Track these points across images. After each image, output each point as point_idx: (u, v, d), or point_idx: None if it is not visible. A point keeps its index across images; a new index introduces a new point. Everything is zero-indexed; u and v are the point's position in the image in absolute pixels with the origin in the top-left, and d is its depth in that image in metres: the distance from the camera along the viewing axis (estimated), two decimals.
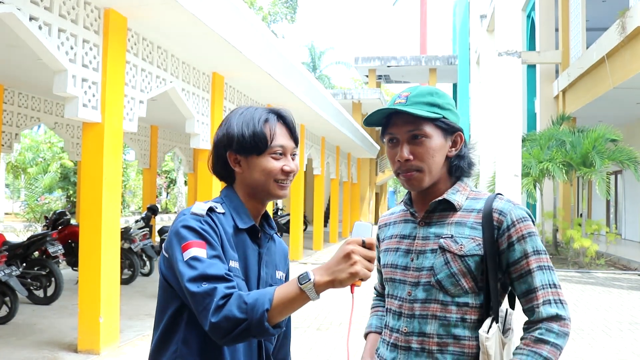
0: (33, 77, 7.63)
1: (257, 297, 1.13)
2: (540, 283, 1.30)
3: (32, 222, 17.84)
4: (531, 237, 1.31)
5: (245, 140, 1.32)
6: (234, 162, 1.36)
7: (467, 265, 1.31)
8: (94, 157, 4.71)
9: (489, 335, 1.28)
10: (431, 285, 1.35)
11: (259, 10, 26.64)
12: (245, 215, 1.35)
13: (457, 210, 1.38)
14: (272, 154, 1.34)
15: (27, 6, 3.88)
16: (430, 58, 26.23)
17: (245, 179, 1.36)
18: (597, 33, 12.72)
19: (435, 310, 1.34)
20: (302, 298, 1.12)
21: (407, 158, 1.35)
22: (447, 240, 1.34)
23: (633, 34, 9.84)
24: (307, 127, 12.26)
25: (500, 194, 1.40)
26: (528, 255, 1.30)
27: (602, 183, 10.88)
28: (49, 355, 4.64)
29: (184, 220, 1.25)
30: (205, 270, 1.16)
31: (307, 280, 1.11)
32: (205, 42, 5.72)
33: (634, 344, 5.34)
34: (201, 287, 1.14)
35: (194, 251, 1.19)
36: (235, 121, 1.35)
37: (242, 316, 1.11)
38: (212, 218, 1.27)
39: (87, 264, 4.70)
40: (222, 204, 1.34)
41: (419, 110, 1.33)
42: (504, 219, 1.32)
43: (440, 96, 1.37)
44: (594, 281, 9.50)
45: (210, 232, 1.24)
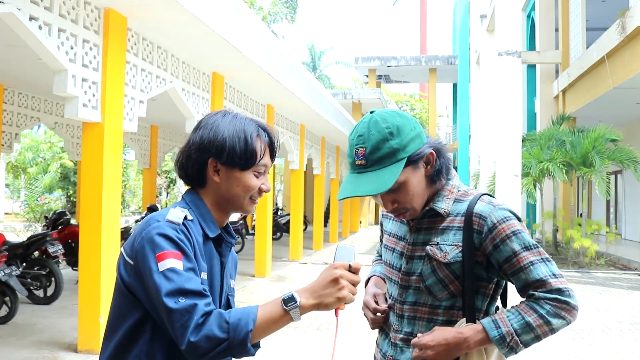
0: (33, 77, 7.63)
1: (239, 317, 1.11)
2: (535, 276, 1.30)
3: (32, 222, 17.85)
4: (516, 235, 1.31)
5: (236, 154, 1.27)
6: (213, 171, 1.30)
7: (452, 271, 1.35)
8: (94, 157, 4.71)
9: None
10: (420, 290, 1.40)
11: (259, 10, 26.64)
12: (212, 223, 1.31)
13: (444, 216, 1.40)
14: (255, 171, 1.31)
15: (27, 6, 3.88)
16: (430, 58, 26.23)
17: (220, 189, 1.31)
18: (597, 33, 12.72)
19: (423, 313, 1.40)
20: (285, 319, 1.13)
21: (392, 208, 1.38)
22: (433, 248, 1.38)
23: (633, 34, 9.85)
24: (307, 127, 12.26)
25: (485, 195, 1.40)
26: (517, 253, 1.31)
27: (602, 183, 10.88)
28: (49, 355, 4.64)
29: (158, 228, 1.18)
30: (182, 284, 1.11)
31: (293, 302, 1.11)
32: (205, 42, 5.72)
33: (634, 344, 5.34)
34: (179, 303, 1.09)
35: (171, 262, 1.13)
36: (225, 129, 1.28)
37: (223, 336, 1.09)
38: (187, 227, 1.22)
39: (87, 263, 4.70)
40: (189, 210, 1.28)
41: (381, 176, 1.29)
42: (484, 222, 1.33)
43: (397, 134, 1.30)
44: (594, 281, 9.50)
45: (186, 243, 1.19)
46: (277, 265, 10.78)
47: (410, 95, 40.04)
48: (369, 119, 1.34)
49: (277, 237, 16.32)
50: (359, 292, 1.20)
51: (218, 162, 1.29)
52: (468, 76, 23.05)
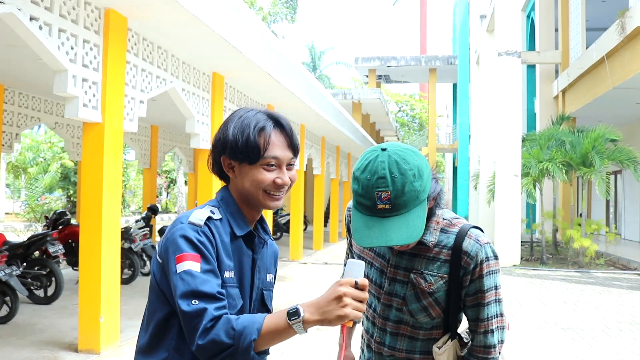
0: (33, 77, 7.64)
1: (245, 325, 1.13)
2: (487, 315, 1.48)
3: (33, 221, 17.85)
4: (490, 275, 1.46)
5: (238, 148, 1.29)
6: (228, 167, 1.34)
7: (435, 299, 1.46)
8: (94, 157, 4.71)
9: (440, 350, 1.47)
10: (403, 313, 1.49)
11: (259, 10, 26.64)
12: (242, 221, 1.33)
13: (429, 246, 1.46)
14: (264, 165, 1.29)
15: (27, 6, 3.89)
16: (430, 58, 26.22)
17: (237, 185, 1.33)
18: (597, 33, 12.72)
19: (405, 331, 1.51)
20: (289, 332, 1.14)
21: (400, 250, 1.47)
22: (418, 277, 1.46)
23: (633, 34, 9.85)
24: (307, 127, 12.26)
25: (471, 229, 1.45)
26: (484, 290, 1.46)
27: (602, 183, 10.88)
28: (49, 355, 4.65)
29: (181, 229, 1.22)
30: (197, 286, 1.15)
31: (297, 317, 1.12)
32: (205, 42, 5.72)
33: (633, 344, 5.34)
34: (191, 305, 1.14)
35: (188, 264, 1.17)
36: (232, 125, 1.31)
37: (229, 342, 1.12)
38: (210, 228, 1.25)
39: (88, 263, 4.71)
40: (219, 208, 1.31)
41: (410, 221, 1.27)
42: (471, 261, 1.43)
43: (420, 174, 1.29)
44: (594, 281, 9.51)
45: (206, 244, 1.21)
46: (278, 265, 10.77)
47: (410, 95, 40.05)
48: (388, 159, 1.28)
49: (277, 237, 16.33)
50: None
51: (229, 159, 1.32)
52: (468, 76, 23.05)
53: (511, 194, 11.66)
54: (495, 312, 1.49)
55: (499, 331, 1.50)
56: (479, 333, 1.49)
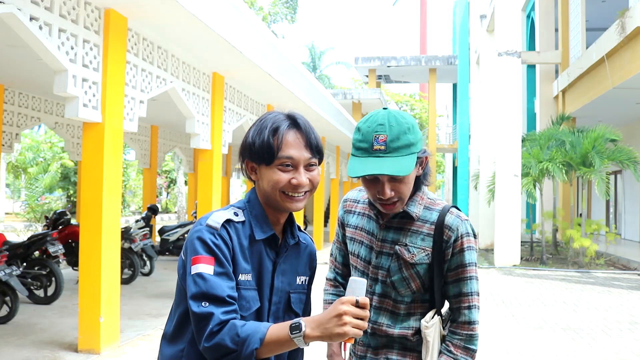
0: (33, 77, 7.64)
1: (249, 333, 1.17)
2: (470, 290, 1.55)
3: (33, 221, 17.84)
4: (469, 250, 1.53)
5: (255, 150, 1.32)
6: (251, 170, 1.37)
7: (416, 272, 1.53)
8: (94, 157, 4.71)
9: (429, 324, 1.53)
10: (387, 284, 1.56)
11: (259, 10, 26.64)
12: (265, 224, 1.34)
13: (414, 219, 1.55)
14: (279, 165, 1.30)
15: (27, 6, 3.89)
16: (430, 58, 26.21)
17: (259, 187, 1.36)
18: (597, 33, 12.72)
19: (387, 305, 1.57)
20: (290, 344, 1.17)
21: (390, 196, 1.48)
22: (402, 248, 1.54)
23: (633, 34, 9.85)
24: None
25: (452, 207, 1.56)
26: (465, 264, 1.53)
27: (602, 183, 10.88)
28: (49, 355, 4.65)
29: (199, 231, 1.26)
30: (208, 289, 1.20)
31: (298, 331, 1.15)
32: (205, 42, 5.72)
33: (633, 344, 5.34)
34: (200, 307, 1.19)
35: (201, 267, 1.22)
36: (252, 129, 1.35)
37: (233, 347, 1.16)
38: (228, 230, 1.27)
39: (88, 263, 4.71)
40: (244, 210, 1.34)
41: (401, 162, 1.42)
42: (452, 234, 1.52)
43: (414, 130, 1.46)
44: (594, 281, 9.51)
45: (221, 247, 1.24)
46: None
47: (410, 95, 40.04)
48: (387, 112, 1.47)
49: None
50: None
51: (250, 161, 1.35)
52: (468, 76, 23.04)
53: (511, 194, 11.66)
54: (476, 289, 1.56)
55: (478, 309, 1.56)
56: (463, 308, 1.54)
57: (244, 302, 1.27)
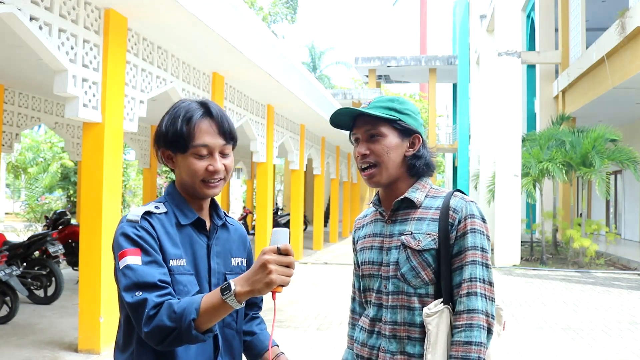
0: (33, 77, 7.64)
1: (185, 307, 1.17)
2: (470, 275, 1.41)
3: (33, 222, 17.84)
4: (474, 233, 1.43)
5: (169, 139, 1.32)
6: (167, 159, 1.37)
7: (425, 259, 1.44)
8: (94, 157, 4.71)
9: (430, 312, 1.40)
10: (397, 279, 1.48)
11: (259, 10, 26.64)
12: (187, 210, 1.36)
13: (417, 207, 1.50)
14: (195, 153, 1.32)
15: (27, 6, 3.89)
16: (430, 58, 26.21)
17: (177, 175, 1.38)
18: (597, 33, 12.72)
19: (402, 301, 1.47)
20: (225, 307, 1.16)
21: (363, 153, 1.49)
22: (407, 237, 1.47)
23: (633, 34, 9.85)
24: (307, 127, 12.27)
25: (457, 191, 1.51)
26: (468, 248, 1.43)
27: (602, 183, 10.88)
28: (49, 355, 4.65)
29: (120, 228, 1.28)
30: (138, 278, 1.20)
31: (228, 291, 1.15)
32: (205, 42, 5.72)
33: (633, 344, 5.34)
34: (134, 297, 1.19)
35: (129, 259, 1.23)
36: (166, 117, 1.35)
37: (172, 325, 1.16)
38: (149, 220, 1.29)
39: (88, 263, 4.71)
40: (165, 203, 1.36)
41: (375, 111, 1.47)
42: (457, 215, 1.45)
43: (401, 103, 1.51)
44: (594, 281, 9.51)
45: (145, 237, 1.26)
46: None
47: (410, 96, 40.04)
48: None
49: None
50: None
51: (166, 150, 1.36)
52: (468, 76, 23.05)
53: (511, 194, 11.66)
54: (480, 275, 1.41)
55: (485, 299, 1.40)
56: (462, 296, 1.40)
57: (181, 287, 1.28)
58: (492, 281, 1.44)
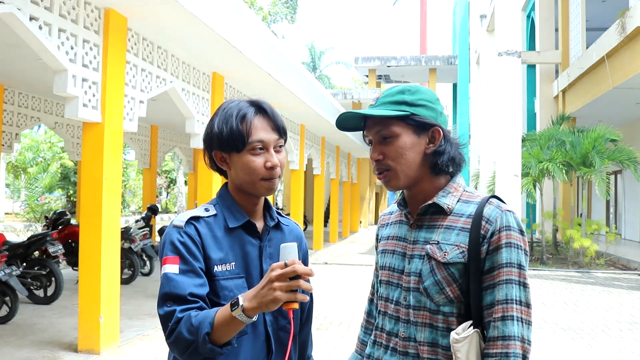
0: (33, 77, 7.63)
1: (201, 320, 1.17)
2: (505, 296, 1.24)
3: (32, 221, 17.84)
4: (509, 247, 1.24)
5: (223, 138, 1.32)
6: (221, 161, 1.37)
7: (450, 273, 1.27)
8: (94, 157, 4.71)
9: (459, 337, 1.23)
10: (419, 292, 1.31)
11: (259, 10, 26.64)
12: (238, 212, 1.35)
13: (447, 214, 1.32)
14: (251, 150, 1.32)
15: (27, 6, 3.89)
16: (430, 58, 26.21)
17: (232, 176, 1.37)
18: (597, 33, 12.71)
19: (425, 318, 1.31)
20: (236, 322, 1.15)
21: (377, 158, 1.34)
22: (433, 247, 1.30)
23: (633, 34, 9.85)
24: (307, 127, 12.26)
25: (493, 197, 1.33)
26: (502, 264, 1.24)
27: (602, 183, 10.88)
28: (49, 355, 4.64)
29: (167, 234, 1.29)
30: (171, 289, 1.22)
31: (236, 307, 1.15)
32: (205, 42, 5.72)
33: (633, 344, 5.34)
34: (163, 309, 1.22)
35: (168, 267, 1.24)
36: (217, 119, 1.35)
37: (190, 337, 1.17)
38: (195, 225, 1.29)
39: (87, 263, 4.71)
40: (216, 205, 1.36)
41: (383, 110, 1.30)
42: (490, 226, 1.26)
43: (412, 93, 1.32)
44: (594, 281, 9.50)
45: (187, 244, 1.26)
46: None
47: None
48: None
49: None
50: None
51: (220, 152, 1.35)
52: (468, 76, 23.04)
53: (511, 194, 11.64)
54: (517, 297, 1.24)
55: (521, 323, 1.24)
56: (496, 320, 1.23)
57: (226, 292, 1.28)
58: (530, 303, 1.28)
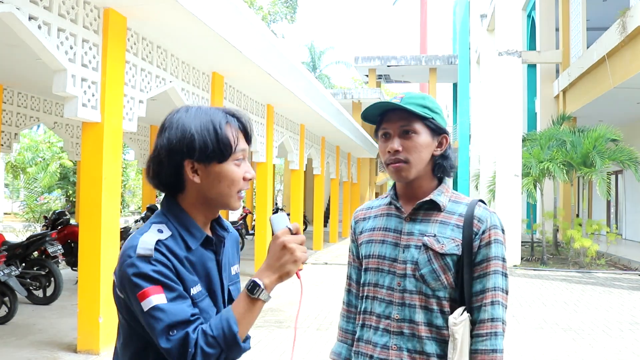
0: (32, 77, 7.62)
1: (221, 327, 1.14)
2: (494, 284, 1.47)
3: (32, 222, 17.81)
4: (497, 243, 1.49)
5: (208, 147, 1.20)
6: (192, 172, 1.22)
7: (446, 263, 1.47)
8: (93, 157, 4.69)
9: (457, 321, 1.43)
10: (416, 279, 1.49)
11: (259, 10, 26.62)
12: (195, 229, 1.25)
13: (441, 210, 1.52)
14: (235, 160, 1.23)
15: (26, 6, 3.87)
16: (431, 58, 26.20)
17: (202, 189, 1.24)
18: (598, 33, 12.70)
19: (420, 301, 1.48)
20: (258, 305, 1.18)
21: (397, 149, 1.48)
22: (431, 239, 1.48)
23: (633, 34, 9.83)
24: (307, 127, 12.25)
25: (480, 201, 1.55)
26: (491, 258, 1.47)
27: (603, 183, 10.86)
28: (48, 356, 4.63)
29: (131, 266, 1.14)
30: (170, 319, 1.12)
31: (258, 288, 1.16)
32: (205, 42, 5.70)
33: (634, 344, 5.33)
34: (171, 339, 1.12)
35: (154, 299, 1.12)
36: (192, 124, 1.21)
37: (216, 350, 1.13)
38: (162, 252, 1.16)
39: (87, 264, 4.69)
40: (167, 224, 1.22)
41: (413, 107, 1.46)
42: (481, 225, 1.48)
43: (431, 101, 1.51)
44: (595, 281, 9.49)
45: (163, 272, 1.14)
46: None
47: None
48: None
49: None
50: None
51: (194, 161, 1.21)
52: (468, 76, 23.04)
53: (512, 194, 11.64)
54: (501, 285, 1.48)
55: (504, 308, 1.48)
56: (486, 305, 1.45)
57: (204, 315, 1.20)
58: (508, 290, 1.51)
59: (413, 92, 1.53)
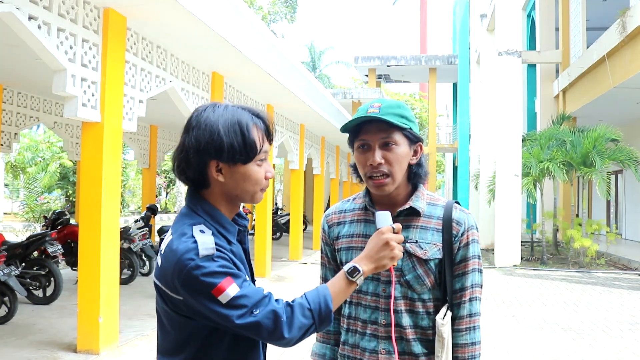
0: (32, 77, 7.62)
1: (318, 301, 1.24)
2: (472, 282, 1.54)
3: (31, 221, 17.81)
4: (474, 243, 1.55)
5: (235, 150, 1.24)
6: (216, 171, 1.27)
7: (430, 267, 1.51)
8: (93, 157, 4.69)
9: (444, 321, 1.48)
10: (401, 284, 1.52)
11: (259, 9, 26.61)
12: (229, 224, 1.31)
13: (420, 215, 1.55)
14: (258, 160, 1.29)
15: (26, 5, 3.87)
16: (430, 57, 26.18)
17: (226, 187, 1.28)
18: (598, 32, 12.70)
19: (406, 305, 1.53)
20: (352, 288, 1.30)
21: (379, 162, 1.47)
22: (413, 246, 1.51)
23: (633, 34, 9.83)
24: (307, 127, 12.24)
25: (455, 203, 1.58)
26: (469, 257, 1.53)
27: (603, 183, 10.86)
28: (48, 356, 4.63)
29: (199, 269, 1.17)
30: (251, 301, 1.19)
31: (358, 272, 1.29)
32: (205, 42, 5.70)
33: (634, 344, 5.33)
34: (256, 315, 1.18)
35: (230, 291, 1.17)
36: (220, 126, 1.24)
37: (311, 322, 1.23)
38: (219, 247, 1.22)
39: (87, 263, 4.69)
40: (204, 223, 1.26)
41: (392, 118, 1.45)
42: (460, 227, 1.53)
43: (407, 110, 1.52)
44: (595, 281, 9.49)
45: (227, 265, 1.20)
46: (277, 265, 10.77)
47: (410, 95, 40.03)
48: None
49: (277, 237, 16.29)
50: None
51: (220, 162, 1.26)
52: (468, 76, 23.03)
53: (511, 193, 11.64)
54: (478, 281, 1.55)
55: (479, 302, 1.56)
56: (465, 302, 1.52)
57: None
58: (483, 284, 1.60)
59: (387, 100, 1.51)
